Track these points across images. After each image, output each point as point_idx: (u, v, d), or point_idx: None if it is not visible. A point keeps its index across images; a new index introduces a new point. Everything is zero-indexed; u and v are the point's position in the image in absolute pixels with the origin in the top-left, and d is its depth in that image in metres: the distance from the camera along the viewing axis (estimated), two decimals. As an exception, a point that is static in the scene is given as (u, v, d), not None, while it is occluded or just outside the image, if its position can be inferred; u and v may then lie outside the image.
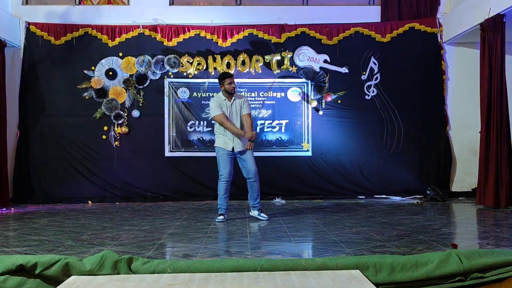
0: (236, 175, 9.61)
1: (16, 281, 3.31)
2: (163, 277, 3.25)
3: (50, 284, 3.32)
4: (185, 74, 9.65)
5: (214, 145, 7.03)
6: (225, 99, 6.91)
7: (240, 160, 6.94)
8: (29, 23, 9.53)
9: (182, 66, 9.61)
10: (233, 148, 6.83)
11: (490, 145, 8.03)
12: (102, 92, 9.57)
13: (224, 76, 6.99)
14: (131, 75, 9.61)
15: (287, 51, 9.67)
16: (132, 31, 9.65)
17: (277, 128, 9.76)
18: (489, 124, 8.06)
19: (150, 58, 9.60)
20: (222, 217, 6.84)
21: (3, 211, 8.15)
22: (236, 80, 9.49)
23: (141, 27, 9.65)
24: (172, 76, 9.66)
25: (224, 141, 6.85)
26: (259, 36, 9.71)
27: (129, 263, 3.45)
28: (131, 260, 3.48)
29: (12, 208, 8.45)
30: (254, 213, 7.00)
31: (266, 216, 6.93)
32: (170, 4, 9.88)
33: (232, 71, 9.59)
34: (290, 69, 9.69)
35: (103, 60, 9.61)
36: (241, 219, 7.03)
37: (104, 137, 9.56)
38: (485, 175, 8.08)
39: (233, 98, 6.94)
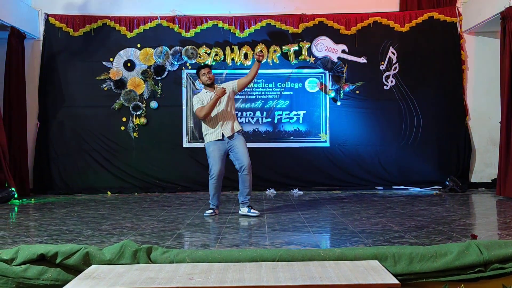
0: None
1: (37, 270, 3.37)
2: (182, 267, 3.28)
3: (70, 273, 3.37)
4: (202, 65, 9.62)
5: (204, 144, 6.60)
6: (206, 92, 6.52)
7: (232, 151, 6.38)
8: (48, 15, 9.60)
9: (200, 57, 9.61)
10: (222, 134, 6.34)
11: (510, 136, 7.93)
12: (121, 83, 9.62)
13: (197, 70, 6.69)
14: (149, 66, 9.64)
15: (304, 41, 9.62)
16: (150, 22, 9.67)
17: (295, 119, 9.72)
18: (509, 114, 7.94)
19: (168, 49, 9.62)
20: (211, 211, 6.48)
21: (24, 201, 8.25)
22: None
23: (159, 18, 9.67)
24: (189, 67, 9.67)
25: (212, 136, 6.40)
26: (276, 27, 9.68)
27: (149, 252, 3.49)
28: (150, 249, 3.52)
29: (33, 199, 8.55)
30: (243, 210, 6.43)
31: (257, 212, 6.39)
32: (188, -5, 9.89)
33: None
34: (308, 60, 9.65)
35: (121, 52, 9.66)
36: (259, 210, 7.01)
37: (122, 128, 9.62)
38: (505, 165, 7.99)
39: (215, 88, 6.47)
